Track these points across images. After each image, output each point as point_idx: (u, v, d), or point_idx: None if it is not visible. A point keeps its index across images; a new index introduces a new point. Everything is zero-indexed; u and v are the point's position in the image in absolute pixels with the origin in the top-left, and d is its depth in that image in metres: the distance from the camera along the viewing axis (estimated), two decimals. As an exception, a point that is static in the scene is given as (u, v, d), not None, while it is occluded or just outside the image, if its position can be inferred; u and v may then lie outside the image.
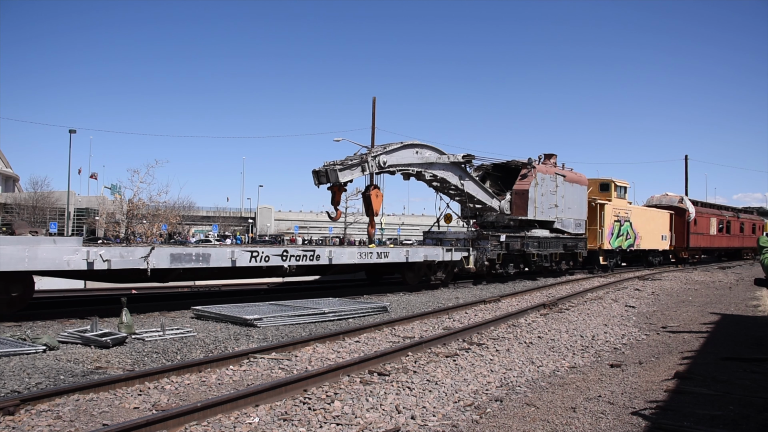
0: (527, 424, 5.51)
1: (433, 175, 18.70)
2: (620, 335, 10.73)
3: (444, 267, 18.62)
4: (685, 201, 35.64)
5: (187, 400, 6.11)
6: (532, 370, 7.89)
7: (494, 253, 19.98)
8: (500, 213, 21.32)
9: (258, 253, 13.16)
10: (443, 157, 18.76)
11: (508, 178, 22.80)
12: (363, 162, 16.20)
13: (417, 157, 17.99)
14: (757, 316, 13.51)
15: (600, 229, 26.67)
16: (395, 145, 17.40)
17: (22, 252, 10.12)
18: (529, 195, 21.41)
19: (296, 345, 8.81)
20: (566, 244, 23.92)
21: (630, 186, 30.79)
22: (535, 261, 22.22)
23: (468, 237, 20.11)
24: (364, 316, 12.22)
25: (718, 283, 23.16)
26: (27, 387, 6.40)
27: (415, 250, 17.40)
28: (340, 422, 5.44)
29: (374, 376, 7.18)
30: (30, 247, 10.29)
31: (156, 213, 36.03)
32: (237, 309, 11.56)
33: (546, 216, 22.50)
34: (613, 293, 18.08)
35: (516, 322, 11.76)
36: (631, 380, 7.23)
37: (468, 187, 19.71)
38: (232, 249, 12.94)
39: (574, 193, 24.35)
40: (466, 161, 19.51)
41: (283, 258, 13.65)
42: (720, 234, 39.74)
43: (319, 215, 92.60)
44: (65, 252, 10.65)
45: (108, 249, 11.23)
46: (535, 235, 22.18)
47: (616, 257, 28.89)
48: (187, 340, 9.09)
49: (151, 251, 11.50)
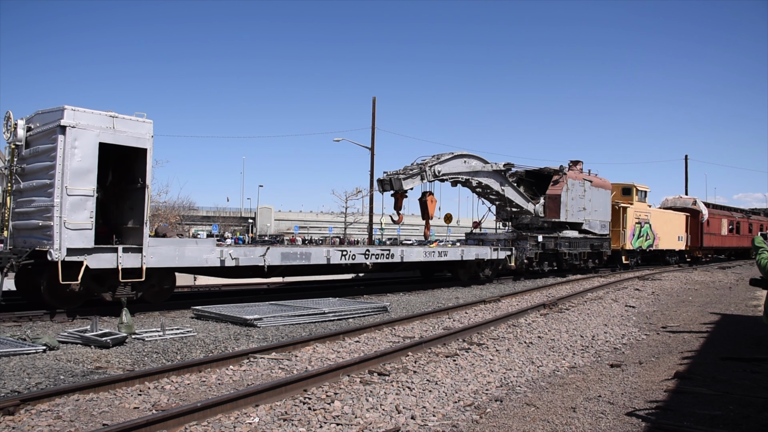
0: (527, 424, 5.51)
1: (478, 183, 20.83)
2: (620, 335, 10.73)
3: (491, 264, 20.78)
4: (699, 203, 37.37)
5: (187, 400, 6.11)
6: (532, 370, 7.89)
7: (532, 252, 22.09)
8: (535, 215, 23.42)
9: (347, 252, 15.30)
10: (487, 166, 20.90)
11: (539, 183, 24.70)
12: (421, 171, 18.26)
13: (465, 166, 20.13)
14: (757, 316, 13.51)
15: (622, 230, 28.63)
16: (447, 156, 19.39)
17: (174, 251, 11.96)
18: (561, 199, 23.52)
19: (296, 345, 8.81)
20: (593, 244, 26.05)
21: (650, 190, 32.38)
22: (567, 259, 24.35)
23: (508, 238, 22.32)
24: (364, 316, 12.22)
25: (718, 283, 23.17)
26: (27, 387, 6.41)
27: (468, 250, 19.58)
28: (340, 422, 5.44)
29: (374, 376, 7.18)
30: (179, 248, 12.14)
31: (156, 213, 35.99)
32: (237, 309, 11.56)
33: (575, 218, 24.49)
34: (613, 293, 18.08)
35: (516, 322, 11.76)
36: (631, 380, 7.24)
37: (507, 192, 21.96)
38: (327, 249, 15.07)
39: (599, 196, 26.46)
40: (506, 169, 21.71)
41: (365, 256, 15.71)
42: (730, 234, 41.35)
43: (319, 215, 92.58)
44: (204, 251, 12.45)
45: (235, 248, 13.19)
46: (566, 236, 24.25)
47: (637, 257, 30.75)
48: (187, 340, 9.09)
49: (267, 251, 13.49)
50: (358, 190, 45.94)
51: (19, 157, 11.84)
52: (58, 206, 10.45)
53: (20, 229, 11.80)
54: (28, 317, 10.88)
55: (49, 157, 10.86)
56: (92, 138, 10.86)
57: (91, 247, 10.78)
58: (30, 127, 11.71)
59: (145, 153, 11.67)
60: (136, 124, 11.57)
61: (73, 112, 10.72)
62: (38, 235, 11.02)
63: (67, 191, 10.54)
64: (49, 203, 10.57)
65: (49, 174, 10.72)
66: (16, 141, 11.76)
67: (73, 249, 10.52)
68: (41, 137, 11.31)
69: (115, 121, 11.26)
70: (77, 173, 10.67)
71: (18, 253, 10.92)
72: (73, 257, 10.53)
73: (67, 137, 10.54)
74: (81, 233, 10.65)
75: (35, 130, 11.57)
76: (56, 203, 10.45)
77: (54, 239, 10.35)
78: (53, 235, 10.38)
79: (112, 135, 11.14)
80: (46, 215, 10.68)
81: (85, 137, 10.76)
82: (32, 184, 11.39)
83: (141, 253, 11.39)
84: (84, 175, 10.76)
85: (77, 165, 10.68)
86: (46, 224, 10.63)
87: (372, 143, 35.14)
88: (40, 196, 11.01)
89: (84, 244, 10.68)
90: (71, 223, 10.54)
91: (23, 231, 11.70)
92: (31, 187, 11.42)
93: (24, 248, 11.07)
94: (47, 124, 11.10)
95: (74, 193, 10.62)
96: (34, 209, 11.16)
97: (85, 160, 10.76)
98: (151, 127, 11.79)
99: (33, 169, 11.46)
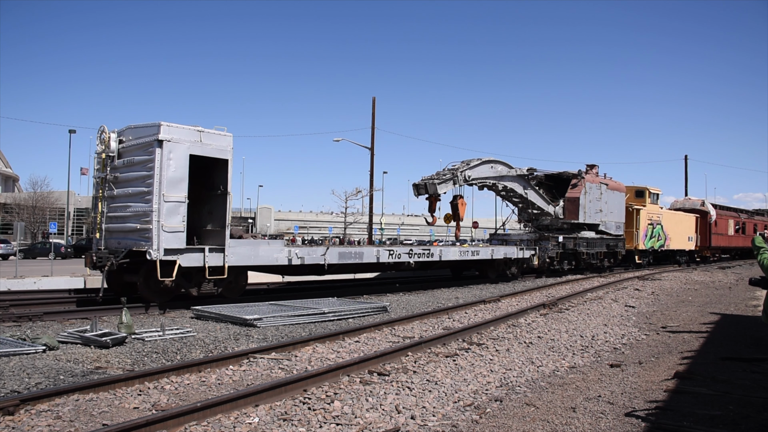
0: (527, 424, 5.51)
1: (504, 186, 22.38)
2: (620, 335, 10.73)
3: (516, 263, 22.17)
4: (707, 204, 38.99)
5: (187, 400, 6.11)
6: (532, 370, 7.88)
7: (554, 251, 23.63)
8: (555, 217, 24.90)
9: (393, 251, 16.86)
10: (511, 171, 22.40)
11: (558, 186, 26.01)
12: (453, 176, 19.66)
13: (492, 171, 21.62)
14: (756, 316, 13.50)
15: (636, 231, 29.99)
16: (476, 162, 20.90)
17: (250, 251, 13.26)
18: (580, 202, 24.98)
19: (296, 345, 8.81)
20: (608, 244, 27.49)
21: (661, 192, 33.74)
22: (584, 258, 25.90)
23: (531, 238, 23.70)
24: (364, 316, 12.22)
25: (718, 283, 23.17)
26: (27, 387, 6.41)
27: (498, 249, 21.04)
28: (339, 422, 5.44)
29: (374, 376, 7.18)
30: (253, 248, 13.44)
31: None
32: (237, 309, 11.56)
33: (592, 219, 25.96)
34: (613, 293, 18.08)
35: (516, 322, 11.76)
36: (630, 380, 7.24)
37: (530, 195, 23.53)
38: (377, 249, 16.57)
39: (614, 199, 27.81)
40: (529, 174, 23.28)
41: (409, 255, 17.16)
42: (737, 234, 42.76)
43: (319, 215, 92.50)
44: (275, 251, 13.75)
45: (301, 248, 14.49)
46: (584, 236, 25.76)
47: (649, 256, 32.11)
48: (187, 340, 9.09)
49: (327, 250, 14.83)
50: (357, 190, 45.89)
51: (112, 167, 12.96)
52: (156, 211, 11.73)
53: (113, 232, 12.90)
54: (28, 317, 10.89)
55: (145, 167, 12.08)
56: (184, 150, 12.15)
57: (183, 248, 12.09)
58: (121, 139, 12.95)
59: (227, 163, 13.03)
60: (219, 138, 12.87)
61: (168, 128, 11.99)
62: (134, 237, 12.24)
63: (164, 198, 11.79)
64: (148, 209, 11.80)
65: (146, 182, 11.96)
66: (109, 152, 12.91)
67: (169, 249, 11.84)
68: (135, 149, 12.53)
69: (202, 135, 12.59)
70: (172, 182, 11.95)
71: (114, 252, 12.29)
72: (169, 256, 11.84)
73: (163, 150, 11.82)
74: (175, 235, 11.96)
75: (126, 142, 12.83)
76: (155, 209, 11.73)
77: (153, 241, 11.63)
78: (152, 237, 11.63)
79: (200, 147, 12.47)
80: (144, 219, 11.89)
81: (178, 150, 12.05)
82: (127, 191, 12.56)
83: (223, 253, 12.65)
84: (177, 183, 12.05)
85: (172, 175, 11.95)
86: (144, 227, 11.89)
87: (372, 143, 35.16)
88: (137, 202, 12.20)
89: (177, 245, 11.99)
90: (167, 226, 11.82)
91: (117, 233, 12.84)
92: (126, 194, 12.59)
93: (118, 249, 12.39)
94: (141, 138, 12.36)
95: (170, 199, 11.88)
96: (130, 214, 12.34)
97: (178, 171, 12.06)
98: (231, 140, 13.09)
99: (127, 177, 12.64)
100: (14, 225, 24.58)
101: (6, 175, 76.42)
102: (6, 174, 76.42)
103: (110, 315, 11.62)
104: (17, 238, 25.35)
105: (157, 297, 12.34)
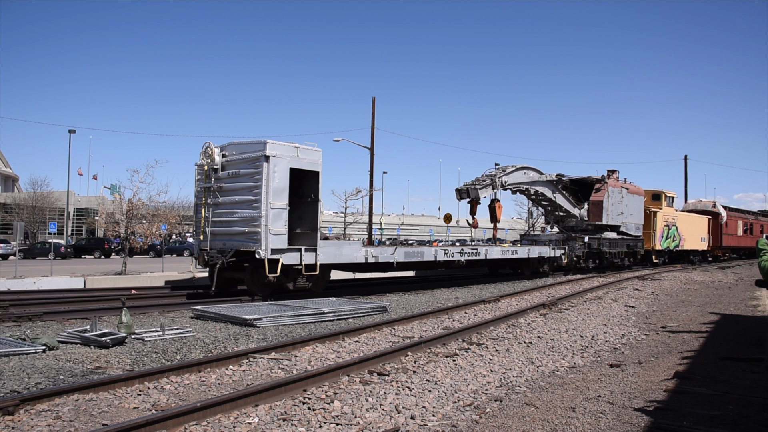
0: (527, 424, 5.51)
1: (535, 191, 24.46)
2: (620, 335, 10.73)
3: (548, 261, 24.34)
4: (718, 206, 40.64)
5: (187, 400, 6.11)
6: (532, 370, 7.88)
7: (580, 250, 25.63)
8: (580, 219, 26.98)
9: (448, 251, 19.02)
10: (542, 176, 24.40)
11: (582, 190, 27.70)
12: (492, 182, 21.62)
13: (525, 177, 23.49)
14: (756, 315, 13.52)
15: (653, 232, 31.89)
16: (511, 168, 22.80)
17: (336, 251, 15.32)
18: (603, 205, 26.88)
19: (296, 345, 8.81)
20: (629, 244, 29.55)
21: (676, 196, 35.57)
22: (607, 258, 27.94)
23: (559, 239, 25.57)
24: (364, 316, 12.22)
25: (718, 283, 23.18)
26: (26, 387, 6.40)
27: (533, 248, 23.25)
28: (339, 422, 5.44)
29: (374, 376, 7.18)
30: (338, 248, 15.52)
31: (156, 213, 35.97)
32: (236, 309, 11.56)
33: (614, 221, 27.89)
34: (613, 293, 18.08)
35: (516, 322, 11.76)
36: (630, 380, 7.23)
37: (558, 199, 25.59)
38: (435, 249, 18.84)
39: (634, 202, 29.79)
40: (557, 179, 25.26)
41: (461, 254, 19.35)
42: (745, 235, 44.49)
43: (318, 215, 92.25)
44: (354, 251, 15.80)
45: (375, 248, 16.58)
46: (607, 237, 27.75)
47: (665, 256, 34.29)
48: (187, 340, 9.09)
49: (395, 250, 16.94)
50: (357, 190, 45.80)
51: (216, 178, 14.87)
52: (264, 217, 13.62)
53: (218, 234, 14.84)
54: (28, 317, 10.89)
55: (252, 178, 13.97)
56: (285, 164, 14.08)
57: (285, 248, 13.97)
58: (224, 154, 14.89)
59: (317, 175, 15.01)
60: (311, 152, 14.83)
61: (273, 145, 13.89)
62: (241, 239, 14.16)
63: (270, 205, 13.66)
64: (256, 214, 13.70)
65: (254, 192, 13.85)
66: (213, 165, 14.83)
67: (274, 249, 13.74)
68: (239, 163, 14.45)
69: (298, 151, 14.50)
70: (276, 191, 13.82)
71: (222, 252, 14.37)
72: (274, 256, 13.71)
73: (270, 164, 13.74)
74: (279, 237, 13.84)
75: (230, 156, 14.75)
76: (263, 214, 13.62)
77: (261, 242, 13.58)
78: (260, 239, 13.57)
79: (297, 162, 14.44)
80: (252, 224, 13.77)
81: (281, 164, 13.97)
82: (233, 199, 14.43)
83: (315, 252, 14.53)
84: (281, 192, 13.93)
85: (276, 185, 13.82)
86: (252, 230, 13.78)
87: (372, 143, 35.17)
88: (244, 209, 14.07)
89: (281, 246, 13.88)
90: (273, 229, 13.69)
91: (222, 236, 14.77)
92: (232, 201, 14.45)
93: (224, 249, 14.39)
94: (246, 153, 14.27)
95: (275, 206, 13.76)
96: (237, 219, 14.23)
97: (281, 181, 13.96)
98: (320, 154, 15.01)
99: (232, 187, 14.53)
100: (14, 225, 24.56)
101: (6, 175, 76.36)
102: (6, 174, 76.37)
103: (110, 315, 11.63)
104: (17, 238, 25.33)
105: (261, 291, 14.25)
